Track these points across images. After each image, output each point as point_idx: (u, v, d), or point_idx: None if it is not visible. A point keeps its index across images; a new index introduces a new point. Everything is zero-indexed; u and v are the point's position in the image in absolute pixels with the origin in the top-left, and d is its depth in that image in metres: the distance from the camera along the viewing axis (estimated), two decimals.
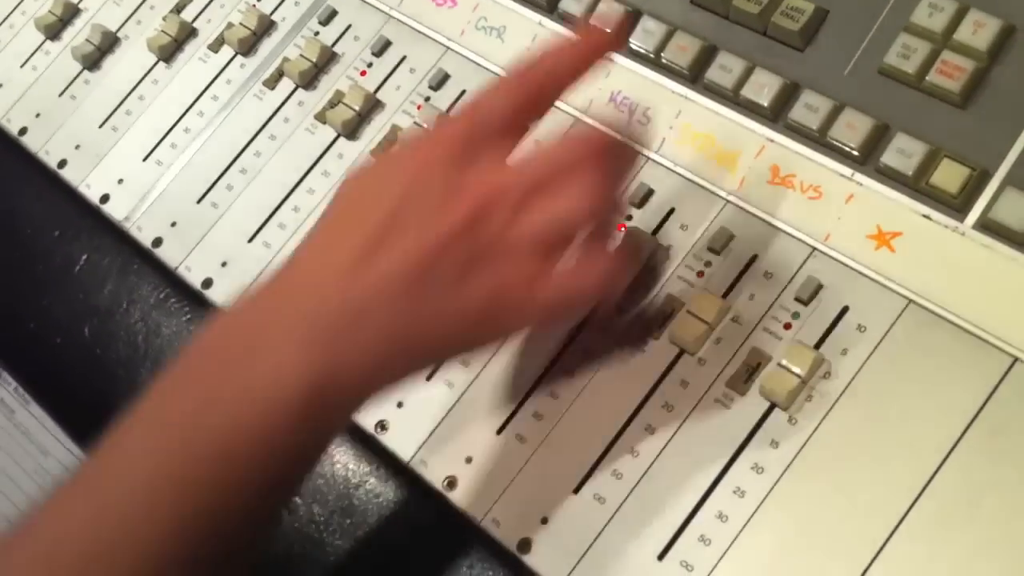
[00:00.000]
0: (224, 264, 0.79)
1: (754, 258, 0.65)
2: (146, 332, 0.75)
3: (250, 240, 0.79)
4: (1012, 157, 0.60)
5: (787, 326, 0.62)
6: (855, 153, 0.64)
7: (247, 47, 0.88)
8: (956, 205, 0.61)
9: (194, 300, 0.76)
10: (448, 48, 0.81)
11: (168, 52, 0.91)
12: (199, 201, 0.82)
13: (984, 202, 0.60)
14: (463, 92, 0.78)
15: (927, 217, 0.61)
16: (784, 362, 0.59)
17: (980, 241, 0.59)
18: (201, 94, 0.88)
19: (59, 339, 0.79)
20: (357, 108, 0.80)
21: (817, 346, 0.60)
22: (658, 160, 0.70)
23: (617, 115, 0.71)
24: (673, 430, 0.62)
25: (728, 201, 0.67)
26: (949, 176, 0.61)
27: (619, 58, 0.73)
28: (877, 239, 0.62)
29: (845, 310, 0.61)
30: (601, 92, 0.73)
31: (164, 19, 0.92)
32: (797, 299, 0.62)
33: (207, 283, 0.79)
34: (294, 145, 0.82)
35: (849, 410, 0.58)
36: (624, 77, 0.73)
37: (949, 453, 0.56)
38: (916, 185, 0.62)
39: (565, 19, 0.77)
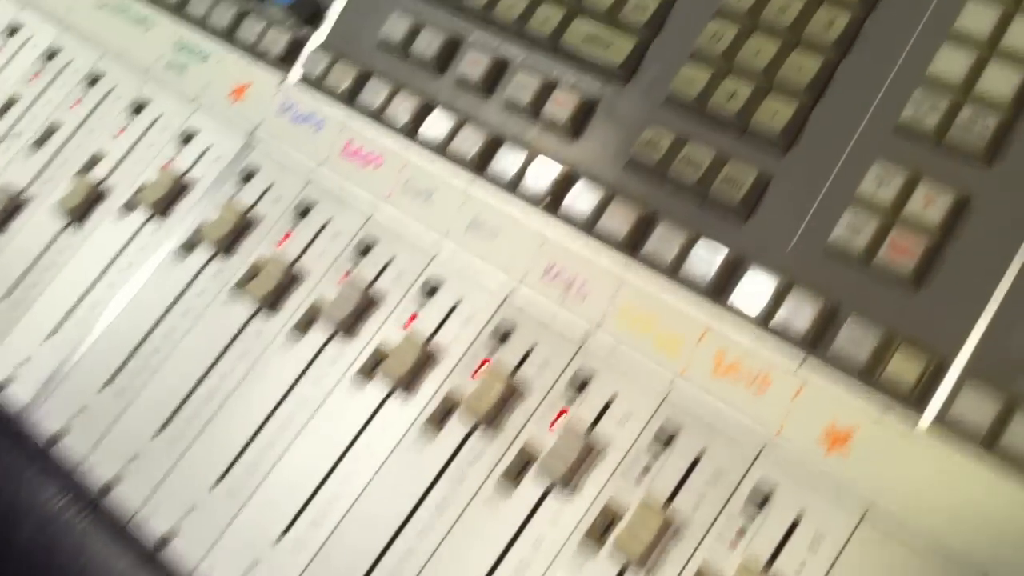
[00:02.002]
0: (131, 460, 0.75)
1: (700, 456, 0.62)
2: (43, 549, 0.72)
3: (157, 434, 0.76)
4: (970, 346, 0.58)
5: (739, 532, 0.59)
6: (803, 339, 0.61)
7: (161, 209, 0.86)
8: (912, 400, 0.58)
9: (95, 508, 0.73)
10: (374, 211, 0.78)
11: (78, 215, 0.88)
12: (106, 388, 0.79)
13: (943, 397, 0.58)
14: (391, 259, 0.76)
15: (882, 414, 0.59)
16: None
17: (940, 442, 0.57)
18: (112, 262, 0.85)
19: None
20: (277, 279, 0.78)
21: (771, 560, 0.58)
22: (596, 344, 0.67)
23: None
24: None
25: (671, 391, 0.64)
26: (904, 367, 0.58)
27: (554, 225, 0.71)
28: (830, 438, 0.59)
29: (799, 518, 0.58)
30: (536, 263, 0.71)
31: (75, 177, 0.89)
32: (748, 503, 0.60)
33: (108, 486, 0.75)
34: (210, 321, 0.79)
35: None
36: (560, 245, 0.70)
37: None
38: (869, 376, 0.59)
39: (496, 182, 0.75)
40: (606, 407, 0.66)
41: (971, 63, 0.63)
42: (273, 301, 0.77)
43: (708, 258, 0.66)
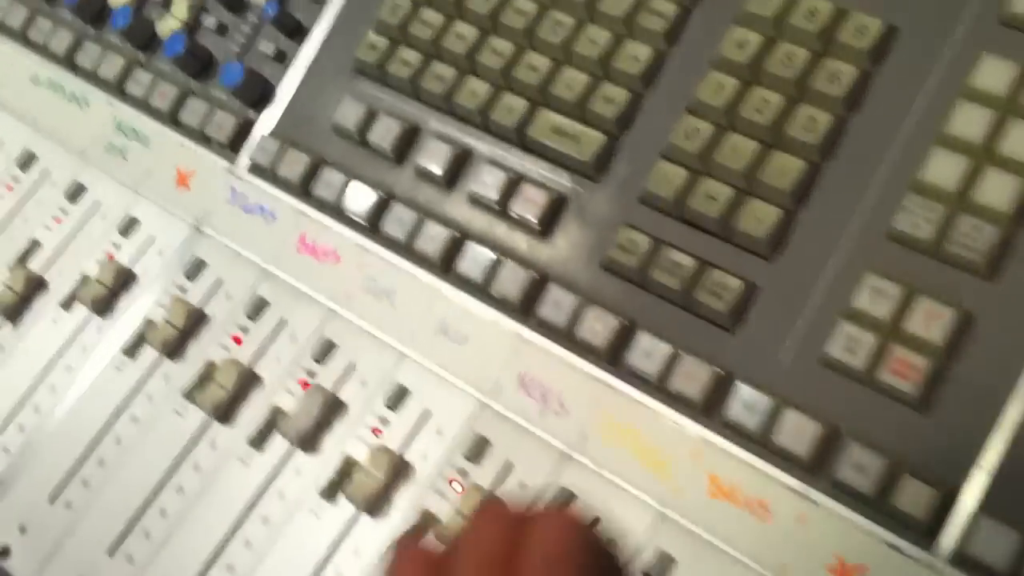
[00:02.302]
0: None
1: None
2: None
3: (111, 553, 0.69)
4: (982, 474, 0.53)
5: None
6: (804, 462, 0.56)
7: (103, 307, 0.78)
8: (925, 532, 0.53)
9: None
10: (333, 312, 0.72)
11: (14, 312, 0.81)
12: (52, 501, 0.72)
13: (957, 529, 0.53)
14: (353, 366, 0.69)
15: (895, 548, 0.54)
16: None
17: None
18: (52, 364, 0.78)
19: None
20: (231, 387, 0.71)
21: None
22: (579, 459, 0.62)
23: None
24: None
25: (663, 514, 0.59)
26: (914, 497, 0.54)
27: (527, 332, 0.66)
28: (839, 572, 0.54)
29: None
30: (509, 372, 0.65)
31: (10, 270, 0.82)
32: None
33: None
34: (160, 430, 0.72)
35: None
36: (534, 355, 0.65)
37: None
38: (878, 507, 0.55)
39: (463, 283, 0.69)
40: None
41: (965, 170, 0.58)
42: (227, 410, 0.71)
43: (695, 373, 0.60)
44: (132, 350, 0.76)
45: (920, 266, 0.58)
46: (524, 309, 0.67)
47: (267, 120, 0.81)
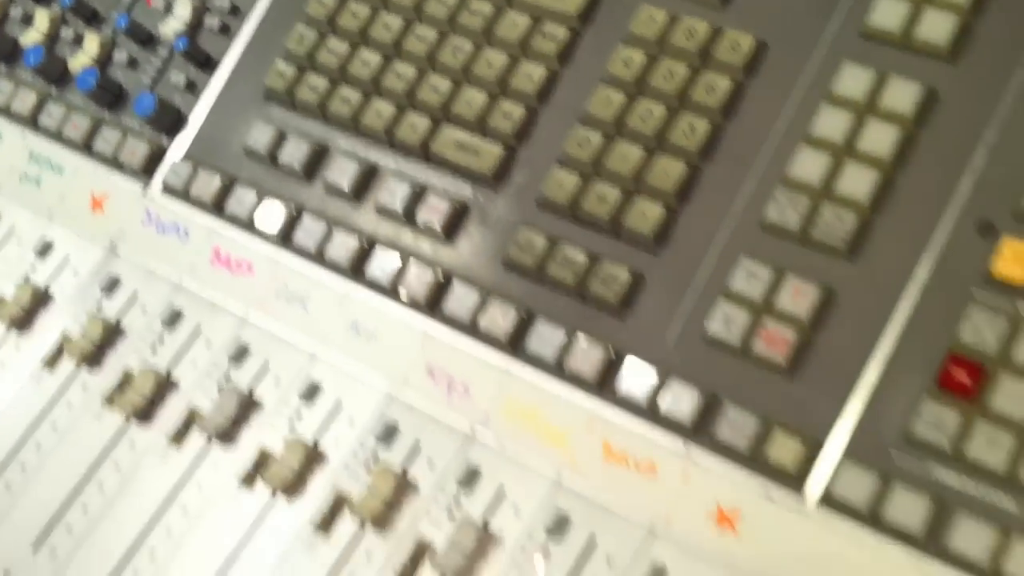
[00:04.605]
0: (7, 574, 0.76)
1: (593, 544, 0.66)
2: None
3: (35, 548, 0.77)
4: (844, 426, 0.64)
5: None
6: (687, 427, 0.67)
7: (21, 323, 0.87)
8: (795, 480, 0.64)
9: None
10: (247, 319, 0.81)
11: None
12: None
13: (823, 476, 0.64)
14: (268, 365, 0.79)
15: (767, 494, 0.64)
16: None
17: (825, 520, 0.63)
18: None
19: None
20: (148, 392, 0.80)
21: None
22: (482, 440, 0.71)
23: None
24: None
25: (562, 482, 0.68)
26: (784, 450, 0.64)
27: (434, 326, 0.76)
28: (718, 519, 0.64)
29: None
30: (417, 364, 0.75)
31: None
32: None
33: None
34: (80, 435, 0.81)
35: None
36: (441, 348, 0.75)
37: None
38: (752, 460, 0.65)
39: (373, 286, 0.79)
40: (497, 500, 0.70)
41: (828, 165, 0.70)
42: (145, 412, 0.79)
43: (589, 354, 0.71)
44: (51, 362, 0.84)
45: (789, 251, 0.70)
46: (431, 306, 0.77)
47: (179, 146, 0.90)
